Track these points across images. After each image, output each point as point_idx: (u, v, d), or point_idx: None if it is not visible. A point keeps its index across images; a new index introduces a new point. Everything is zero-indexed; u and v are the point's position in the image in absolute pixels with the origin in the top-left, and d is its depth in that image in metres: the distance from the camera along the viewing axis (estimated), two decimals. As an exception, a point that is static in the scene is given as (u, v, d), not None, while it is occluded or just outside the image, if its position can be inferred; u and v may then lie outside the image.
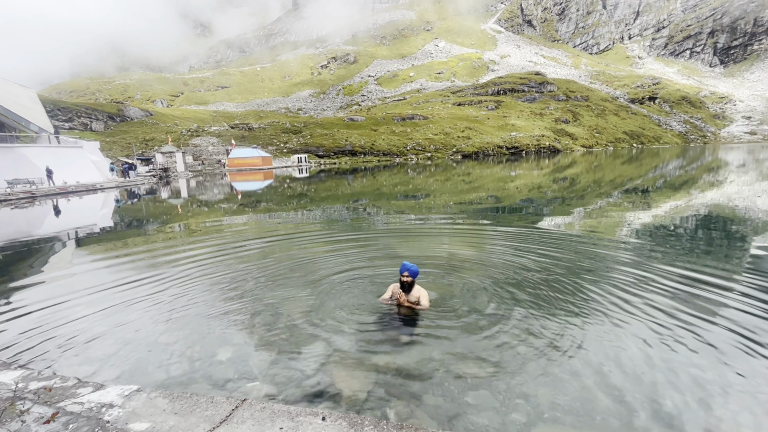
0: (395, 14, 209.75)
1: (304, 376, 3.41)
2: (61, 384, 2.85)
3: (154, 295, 5.55)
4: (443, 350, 3.75)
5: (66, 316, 4.96)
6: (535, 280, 5.67)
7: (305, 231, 10.37)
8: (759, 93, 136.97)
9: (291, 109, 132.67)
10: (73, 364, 3.73)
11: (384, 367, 3.50)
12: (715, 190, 16.16)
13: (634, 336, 4.00)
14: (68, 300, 5.53)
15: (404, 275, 4.51)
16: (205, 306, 5.09)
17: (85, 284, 6.24)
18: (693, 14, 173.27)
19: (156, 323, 4.61)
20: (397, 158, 66.84)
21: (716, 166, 29.88)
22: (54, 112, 69.61)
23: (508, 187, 20.78)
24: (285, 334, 4.21)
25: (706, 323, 4.25)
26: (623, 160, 43.00)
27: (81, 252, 8.99)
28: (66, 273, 7.05)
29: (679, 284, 5.43)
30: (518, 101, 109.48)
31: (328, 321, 4.46)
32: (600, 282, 5.58)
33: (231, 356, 3.79)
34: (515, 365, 3.48)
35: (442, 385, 3.22)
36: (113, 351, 3.98)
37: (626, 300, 4.90)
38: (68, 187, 25.04)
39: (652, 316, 4.45)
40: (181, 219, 13.79)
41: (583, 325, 4.24)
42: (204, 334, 4.29)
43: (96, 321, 4.76)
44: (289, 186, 26.68)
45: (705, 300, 4.88)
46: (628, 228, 9.46)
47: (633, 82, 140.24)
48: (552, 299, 4.97)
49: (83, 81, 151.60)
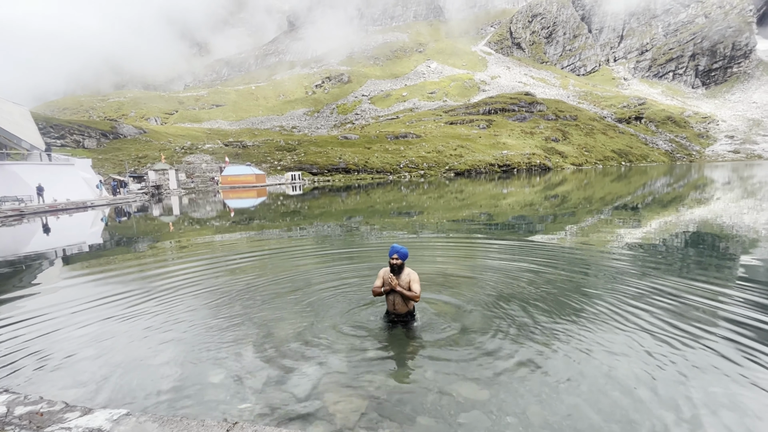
0: (389, 36, 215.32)
1: (296, 397, 3.38)
2: (49, 408, 2.80)
3: (143, 316, 5.48)
4: (436, 369, 3.75)
5: (53, 337, 4.87)
6: (528, 298, 5.72)
7: (298, 249, 10.35)
8: (740, 113, 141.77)
9: (285, 127, 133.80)
10: (60, 387, 3.65)
11: (376, 388, 3.48)
12: (703, 207, 16.53)
13: (627, 353, 4.03)
14: (55, 320, 5.43)
15: (393, 257, 4.48)
16: (195, 326, 5.03)
17: (73, 304, 6.14)
18: (674, 38, 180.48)
19: (145, 344, 4.54)
20: (390, 176, 67.37)
21: (703, 184, 30.60)
22: (46, 129, 69.34)
23: (501, 204, 21.03)
24: (277, 354, 4.18)
25: (698, 339, 4.31)
26: (612, 178, 43.84)
27: (67, 271, 8.86)
28: (52, 293, 6.93)
29: (671, 300, 5.51)
30: (509, 120, 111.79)
31: (320, 340, 4.44)
32: (592, 299, 5.65)
33: (222, 377, 3.75)
34: (507, 384, 3.49)
35: (434, 406, 3.21)
36: (102, 373, 3.91)
37: (619, 317, 4.96)
38: (58, 205, 24.77)
39: (645, 333, 4.50)
40: (172, 237, 13.69)
41: (575, 343, 4.28)
42: (195, 355, 4.23)
43: (84, 342, 4.68)
44: (283, 203, 26.69)
45: (696, 315, 4.95)
46: (619, 245, 9.61)
47: (619, 102, 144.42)
48: (544, 317, 5.01)
49: (77, 98, 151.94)
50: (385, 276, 4.63)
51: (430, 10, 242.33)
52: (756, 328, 4.58)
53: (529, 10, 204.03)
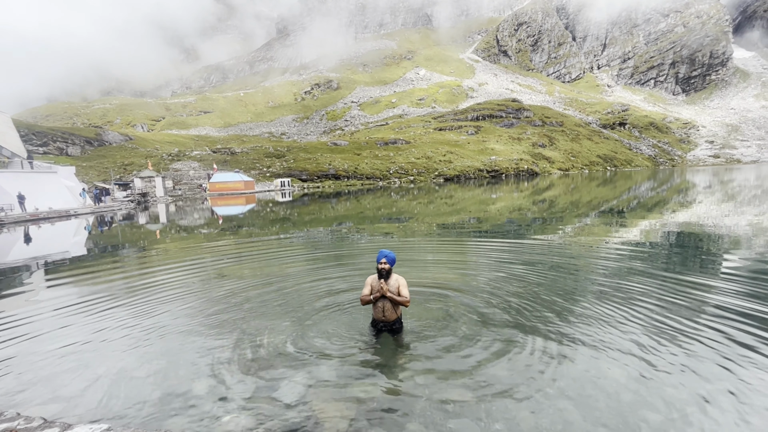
0: (378, 43, 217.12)
1: (284, 406, 3.33)
2: (26, 425, 2.70)
3: (126, 327, 5.34)
4: (425, 375, 3.73)
5: (29, 349, 4.71)
6: (517, 303, 5.75)
7: (286, 256, 10.26)
8: (719, 119, 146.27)
9: (274, 133, 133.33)
10: (38, 403, 3.53)
11: (366, 395, 3.45)
12: (687, 210, 16.92)
13: (617, 357, 4.07)
14: (34, 332, 5.26)
15: (382, 262, 4.43)
16: (179, 336, 4.93)
17: (51, 315, 5.96)
18: (655, 47, 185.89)
19: (128, 356, 4.43)
20: (380, 182, 67.50)
21: (685, 188, 31.37)
22: (28, 136, 67.84)
23: (490, 209, 21.21)
24: (264, 363, 4.12)
25: (689, 342, 4.38)
26: (599, 182, 44.66)
27: (47, 282, 8.62)
28: (31, 304, 6.73)
29: (661, 303, 5.60)
30: (497, 126, 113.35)
31: (308, 348, 4.38)
32: (582, 303, 5.70)
33: (207, 388, 3.67)
34: (496, 389, 3.49)
35: (424, 412, 3.19)
36: (81, 387, 3.79)
37: (608, 322, 5.01)
38: (39, 214, 24.15)
39: (635, 336, 4.55)
40: (157, 245, 13.45)
41: (565, 347, 4.31)
42: (178, 365, 4.14)
43: (62, 355, 4.54)
44: (272, 210, 26.48)
45: (686, 316, 5.03)
46: (607, 248, 9.76)
47: (604, 109, 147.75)
48: (533, 321, 5.04)
49: (61, 105, 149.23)
50: (373, 283, 4.59)
51: (419, 18, 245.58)
52: (753, 325, 4.68)
53: (515, 18, 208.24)
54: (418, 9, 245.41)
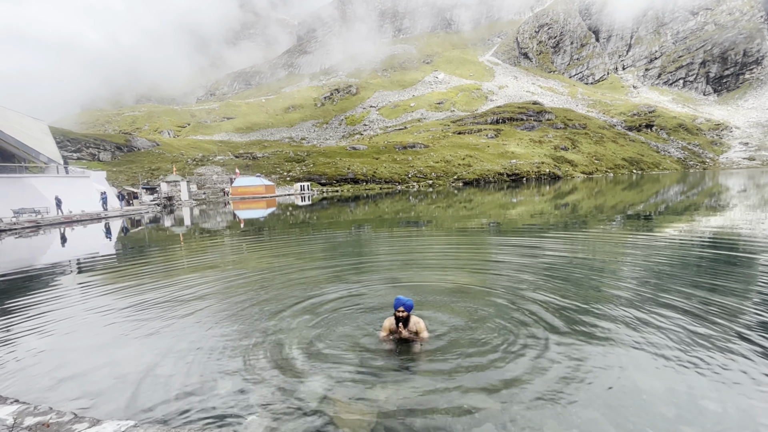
0: (396, 48, 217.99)
1: (304, 410, 3.32)
2: (57, 419, 2.80)
3: (153, 327, 5.50)
4: (446, 382, 3.66)
5: (62, 347, 4.90)
6: (540, 309, 5.59)
7: (306, 259, 10.35)
8: (754, 120, 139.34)
9: (294, 138, 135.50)
10: (69, 398, 3.65)
11: (386, 401, 3.41)
12: (719, 215, 16.15)
13: (643, 366, 3.90)
14: (64, 331, 5.48)
15: (399, 310, 4.38)
16: (204, 338, 5.02)
17: (82, 315, 6.19)
18: (683, 46, 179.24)
19: (153, 355, 4.54)
20: (399, 186, 67.47)
21: (718, 191, 29.97)
22: (63, 142, 71.33)
23: (510, 213, 20.84)
24: (285, 366, 4.14)
25: (717, 352, 4.15)
26: (624, 186, 43.23)
27: (78, 282, 8.97)
28: (62, 304, 7.01)
29: (689, 313, 5.33)
30: (517, 129, 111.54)
31: (328, 352, 4.38)
32: (606, 311, 5.50)
33: (230, 389, 3.71)
34: (520, 396, 3.39)
35: (446, 418, 3.13)
36: (110, 384, 3.91)
37: (634, 329, 4.81)
38: (73, 216, 25.28)
39: (662, 345, 4.35)
40: (182, 247, 13.82)
41: (591, 355, 4.15)
42: (202, 366, 4.21)
43: (93, 353, 4.70)
44: (292, 214, 26.84)
45: (716, 327, 4.77)
46: (634, 255, 9.40)
47: (629, 110, 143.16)
48: (557, 328, 4.88)
49: (93, 113, 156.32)
50: (391, 327, 4.54)
51: (438, 23, 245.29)
52: (781, 340, 4.39)
53: (535, 20, 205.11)
54: (437, 13, 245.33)
